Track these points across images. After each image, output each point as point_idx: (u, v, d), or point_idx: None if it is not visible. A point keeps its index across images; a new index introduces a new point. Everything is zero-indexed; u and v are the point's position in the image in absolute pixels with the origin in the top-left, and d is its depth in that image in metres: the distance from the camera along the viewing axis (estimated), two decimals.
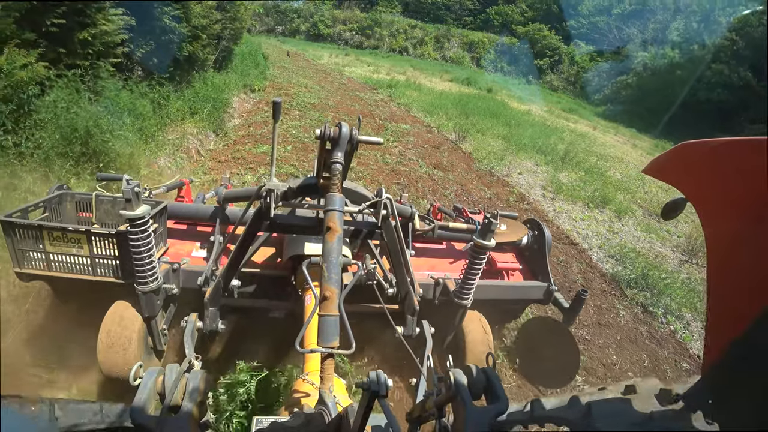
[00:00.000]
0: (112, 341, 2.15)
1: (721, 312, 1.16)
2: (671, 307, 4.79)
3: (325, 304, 1.28)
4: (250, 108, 9.79)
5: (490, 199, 6.76)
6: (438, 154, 8.65)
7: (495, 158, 9.02)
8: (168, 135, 5.75)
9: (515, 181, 8.02)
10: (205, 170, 5.66)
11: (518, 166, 9.10)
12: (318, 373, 1.34)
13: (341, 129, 1.65)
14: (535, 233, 3.15)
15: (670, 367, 3.88)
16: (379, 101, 13.77)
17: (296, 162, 6.50)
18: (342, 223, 1.52)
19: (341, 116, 10.32)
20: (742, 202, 1.06)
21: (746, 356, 1.03)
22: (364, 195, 2.11)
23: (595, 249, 5.91)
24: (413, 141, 9.34)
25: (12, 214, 2.10)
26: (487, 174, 8.11)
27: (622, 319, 4.41)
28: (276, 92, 11.81)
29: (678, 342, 4.30)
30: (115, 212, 2.55)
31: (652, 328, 4.39)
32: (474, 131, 11.11)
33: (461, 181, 7.29)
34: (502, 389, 1.24)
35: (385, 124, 10.47)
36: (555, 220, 6.59)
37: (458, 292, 2.46)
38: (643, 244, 6.60)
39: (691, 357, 4.14)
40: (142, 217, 1.90)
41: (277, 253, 2.71)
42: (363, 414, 1.03)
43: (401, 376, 2.82)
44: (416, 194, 6.23)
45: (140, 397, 1.09)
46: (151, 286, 2.10)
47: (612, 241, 6.31)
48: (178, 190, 3.17)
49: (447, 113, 12.96)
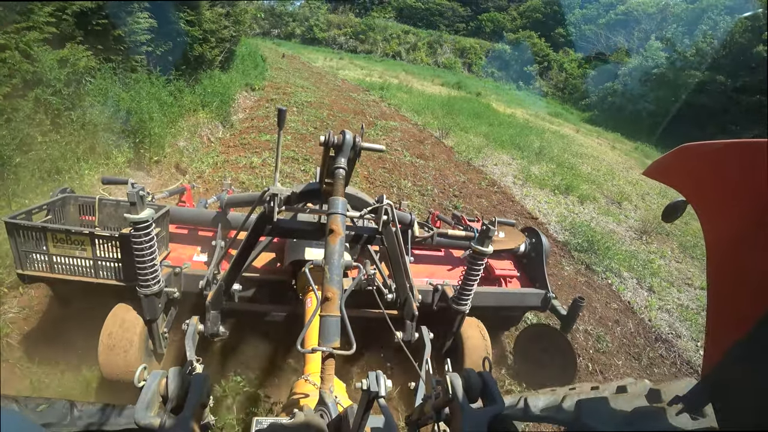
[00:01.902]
0: (113, 343, 2.17)
1: (721, 314, 1.16)
2: (611, 266, 5.72)
3: (326, 304, 1.29)
4: (252, 104, 10.66)
5: (464, 183, 7.70)
6: (421, 147, 9.57)
7: (473, 151, 9.96)
8: (184, 123, 6.60)
9: (489, 170, 8.97)
10: (217, 153, 6.53)
11: (495, 158, 10.05)
12: (319, 374, 1.35)
13: (345, 136, 1.68)
14: (533, 241, 3.20)
15: (600, 305, 4.80)
16: (370, 101, 14.68)
17: (296, 148, 7.39)
18: (344, 226, 1.54)
19: (335, 113, 11.22)
20: (743, 204, 1.05)
21: (749, 357, 1.03)
22: (366, 201, 2.15)
23: (553, 223, 6.85)
24: (400, 136, 10.26)
25: (16, 216, 2.14)
26: (465, 164, 9.05)
27: (566, 272, 5.34)
28: (274, 91, 12.69)
29: (612, 291, 5.23)
30: (118, 215, 2.60)
31: (591, 280, 5.32)
32: (458, 129, 12.06)
33: (440, 169, 8.23)
34: (498, 392, 1.27)
35: (375, 121, 11.38)
36: (521, 201, 7.53)
37: (456, 298, 2.49)
38: (598, 223, 7.54)
39: (621, 301, 5.06)
40: (145, 220, 1.92)
41: (278, 258, 2.78)
42: (362, 415, 1.06)
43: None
44: (398, 176, 7.15)
45: (143, 399, 1.11)
46: (152, 289, 2.13)
47: (569, 218, 7.25)
48: (180, 196, 3.25)
49: (434, 113, 13.89)
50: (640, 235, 7.56)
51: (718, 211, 1.15)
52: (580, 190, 8.90)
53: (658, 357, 4.25)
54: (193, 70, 8.60)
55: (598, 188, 9.94)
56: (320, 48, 36.76)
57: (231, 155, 6.48)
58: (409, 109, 14.24)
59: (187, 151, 6.02)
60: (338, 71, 22.15)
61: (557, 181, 9.21)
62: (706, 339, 1.19)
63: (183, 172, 5.51)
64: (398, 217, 2.26)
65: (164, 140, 5.30)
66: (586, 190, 9.14)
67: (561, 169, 10.39)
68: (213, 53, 8.99)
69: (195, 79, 8.60)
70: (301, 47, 34.45)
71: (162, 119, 5.37)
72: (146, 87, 5.87)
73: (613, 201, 9.30)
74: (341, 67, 24.71)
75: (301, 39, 39.63)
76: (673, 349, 4.42)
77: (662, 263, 6.53)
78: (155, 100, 5.52)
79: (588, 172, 11.22)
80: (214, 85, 8.46)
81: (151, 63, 6.86)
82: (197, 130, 6.76)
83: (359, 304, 2.43)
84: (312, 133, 8.64)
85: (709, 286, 1.17)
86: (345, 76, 20.72)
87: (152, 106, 5.19)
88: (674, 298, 5.54)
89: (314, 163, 6.79)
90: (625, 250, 6.44)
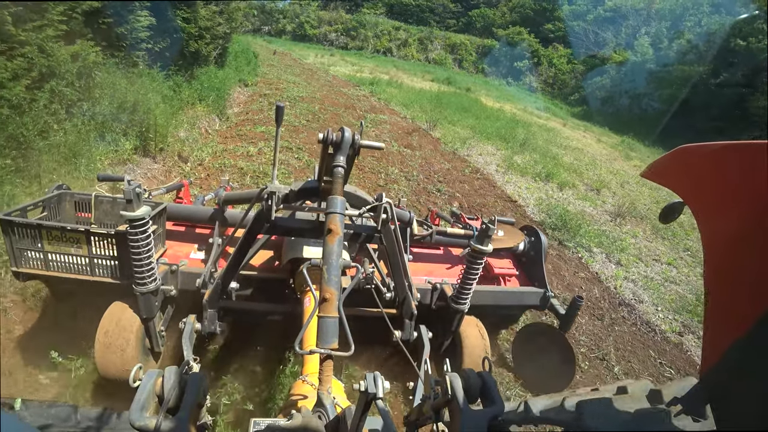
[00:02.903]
0: (109, 342, 2.14)
1: (719, 315, 1.16)
2: (582, 242, 6.21)
3: (324, 305, 1.28)
4: (246, 99, 11.03)
5: (449, 170, 8.16)
6: (409, 138, 10.02)
7: (459, 142, 10.42)
8: (183, 116, 6.98)
9: (474, 159, 9.43)
10: (216, 143, 6.92)
11: (479, 149, 10.52)
12: (317, 374, 1.34)
13: (344, 134, 1.67)
14: (532, 239, 3.21)
15: (569, 275, 5.28)
16: (361, 96, 15.08)
17: (289, 139, 7.79)
18: (343, 226, 1.52)
19: (327, 107, 11.61)
20: (742, 206, 1.06)
21: (748, 358, 1.03)
22: (365, 199, 2.13)
23: (531, 206, 7.33)
24: (389, 128, 10.70)
25: (11, 213, 2.11)
26: (450, 153, 9.51)
27: None
28: (267, 87, 13.05)
29: (582, 263, 5.72)
30: (114, 213, 2.56)
31: (562, 253, 5.80)
32: (445, 122, 12.51)
33: (426, 158, 8.68)
34: (497, 392, 1.26)
35: (364, 114, 11.80)
36: (502, 186, 8.01)
37: (455, 297, 2.48)
38: (575, 207, 8.03)
39: (590, 272, 5.55)
40: (142, 217, 1.90)
41: (275, 256, 2.75)
42: (360, 416, 1.06)
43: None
44: (386, 164, 7.59)
45: (139, 399, 1.09)
46: (149, 287, 2.11)
47: (547, 202, 7.73)
48: (177, 192, 3.21)
49: (422, 107, 14.34)
50: (614, 218, 8.05)
51: (716, 212, 1.15)
52: (560, 178, 9.38)
53: (619, 318, 4.74)
54: (189, 66, 8.97)
55: (578, 176, 10.43)
56: (311, 45, 37.00)
57: (229, 145, 6.88)
58: (398, 103, 14.66)
59: (187, 141, 6.41)
60: (329, 67, 22.50)
61: (539, 169, 9.69)
62: (704, 340, 1.19)
63: (185, 159, 5.89)
64: (397, 215, 2.26)
65: (167, 130, 5.68)
66: (566, 178, 9.62)
67: (544, 158, 10.88)
68: (208, 49, 9.34)
69: (191, 75, 8.97)
70: (292, 44, 34.66)
71: (166, 110, 5.75)
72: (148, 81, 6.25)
73: (593, 188, 9.80)
74: (332, 63, 25.05)
75: (291, 36, 39.81)
76: (634, 312, 4.91)
77: (633, 242, 7.03)
78: (158, 93, 5.90)
79: (570, 162, 11.72)
80: (210, 80, 8.83)
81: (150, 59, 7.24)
82: (196, 123, 7.14)
83: (357, 302, 2.42)
84: (305, 125, 9.04)
85: (707, 288, 1.17)
86: (336, 72, 21.08)
87: (156, 99, 5.57)
88: (640, 271, 6.03)
89: (307, 152, 7.20)
90: (597, 229, 6.94)
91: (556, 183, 9.13)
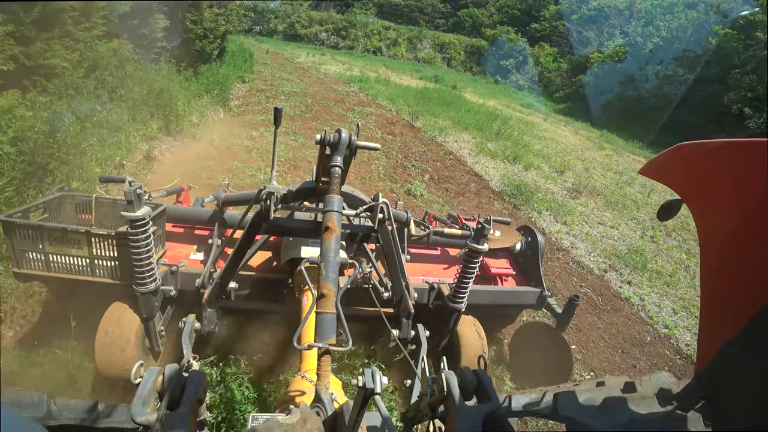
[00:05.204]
0: (110, 341, 2.17)
1: (714, 312, 1.18)
2: (534, 206, 7.39)
3: (322, 301, 1.31)
4: (244, 93, 12.11)
5: (424, 152, 9.33)
6: (392, 127, 11.17)
7: (438, 131, 11.58)
8: (194, 105, 8.08)
9: (449, 145, 10.59)
10: (222, 128, 8.02)
11: (456, 137, 11.68)
12: (315, 370, 1.35)
13: (341, 135, 1.69)
14: (528, 239, 3.24)
15: None
16: (350, 92, 16.18)
17: (285, 126, 8.90)
18: (340, 224, 1.53)
19: (318, 101, 12.72)
20: (739, 203, 1.07)
21: (743, 355, 1.04)
22: (362, 199, 2.16)
23: (495, 180, 8.51)
24: (374, 119, 11.83)
25: (12, 215, 2.12)
26: (429, 140, 10.67)
27: (495, 207, 7.00)
28: (263, 83, 14.12)
29: (532, 222, 6.88)
30: (114, 214, 2.57)
31: (514, 213, 6.98)
32: (428, 115, 13.65)
33: (406, 143, 9.84)
34: (492, 389, 1.30)
35: (353, 107, 12.92)
36: (471, 166, 9.18)
37: (452, 296, 2.51)
38: (536, 183, 9.20)
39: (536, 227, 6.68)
40: (142, 218, 1.92)
41: (274, 256, 2.80)
42: (358, 412, 1.10)
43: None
44: None
45: (140, 395, 1.13)
46: (149, 288, 2.13)
47: (510, 178, 8.90)
48: (177, 196, 3.19)
49: (407, 102, 15.48)
50: (571, 192, 9.24)
51: (714, 210, 1.15)
52: (526, 160, 10.56)
53: (555, 258, 5.90)
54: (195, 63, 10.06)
55: (545, 161, 11.60)
56: (302, 44, 37.74)
57: (234, 129, 7.98)
58: (385, 98, 15.77)
59: (199, 126, 7.50)
60: (320, 66, 23.49)
61: (508, 153, 10.86)
62: (699, 336, 1.20)
63: (198, 140, 6.99)
64: (394, 215, 2.30)
65: (184, 115, 6.78)
66: (533, 160, 10.80)
67: (515, 146, 12.05)
68: (211, 47, 10.44)
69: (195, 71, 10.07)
70: (283, 44, 35.42)
71: (185, 97, 6.85)
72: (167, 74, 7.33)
73: (557, 170, 10.97)
74: (323, 62, 26.01)
75: (283, 36, 40.61)
76: (569, 255, 6.07)
77: (583, 210, 8.21)
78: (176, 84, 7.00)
79: (540, 149, 12.92)
80: (214, 75, 9.92)
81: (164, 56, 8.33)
82: (204, 111, 8.24)
83: (355, 302, 2.49)
84: (299, 115, 10.16)
85: (703, 284, 1.19)
86: (327, 70, 22.10)
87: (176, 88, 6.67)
88: (583, 230, 7.21)
89: (301, 135, 8.30)
90: (551, 199, 8.12)
91: (522, 165, 10.30)
